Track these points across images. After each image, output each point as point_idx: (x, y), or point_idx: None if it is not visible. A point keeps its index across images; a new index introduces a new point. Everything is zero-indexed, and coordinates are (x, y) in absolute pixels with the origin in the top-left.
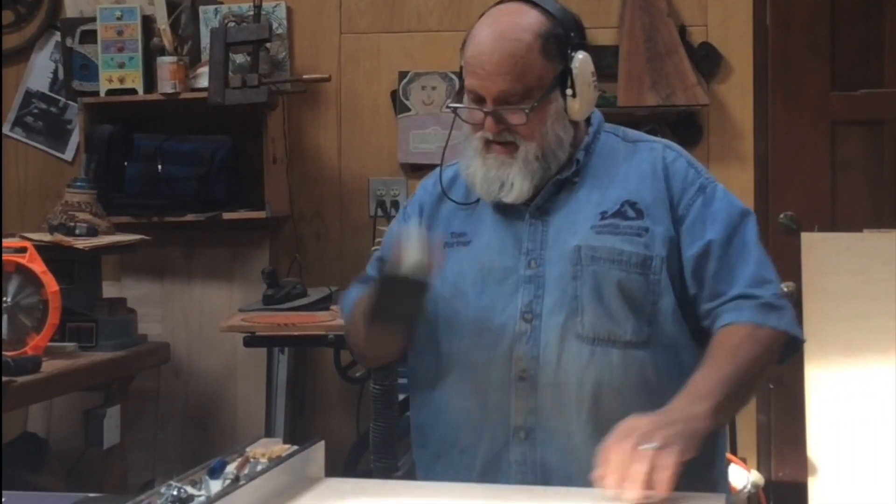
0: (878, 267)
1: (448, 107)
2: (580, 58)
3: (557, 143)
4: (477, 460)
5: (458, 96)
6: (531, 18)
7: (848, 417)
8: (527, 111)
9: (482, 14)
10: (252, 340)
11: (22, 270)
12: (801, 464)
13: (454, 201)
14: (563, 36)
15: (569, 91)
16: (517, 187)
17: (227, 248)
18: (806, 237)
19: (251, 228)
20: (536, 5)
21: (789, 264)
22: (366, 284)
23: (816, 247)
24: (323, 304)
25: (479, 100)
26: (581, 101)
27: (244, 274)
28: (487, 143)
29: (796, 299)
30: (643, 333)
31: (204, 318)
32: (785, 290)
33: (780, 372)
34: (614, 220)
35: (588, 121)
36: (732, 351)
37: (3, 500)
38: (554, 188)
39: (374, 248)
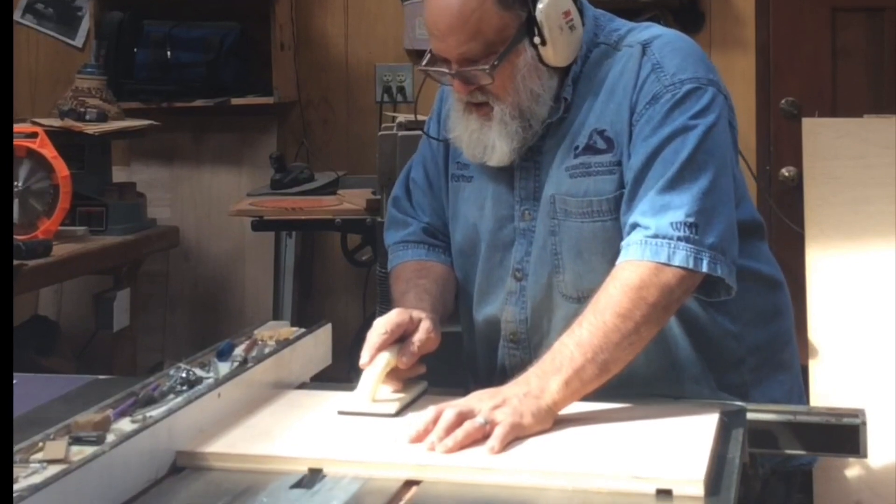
0: (878, 152)
1: (420, 69)
2: (546, 1)
3: (533, 99)
4: None
5: (430, 56)
6: None
7: (848, 301)
8: (488, 70)
9: None
10: (260, 224)
11: (33, 155)
12: (801, 346)
13: (433, 139)
14: None
15: (537, 39)
16: (498, 151)
17: (236, 134)
18: (807, 123)
19: (259, 114)
20: None
21: (790, 150)
22: (413, 194)
23: (817, 132)
24: (330, 188)
25: (445, 61)
26: (555, 48)
27: (252, 159)
28: (467, 105)
29: (797, 184)
30: None
31: (212, 203)
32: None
33: (781, 257)
34: (585, 157)
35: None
36: (602, 310)
37: (13, 382)
38: (544, 128)
39: (380, 132)
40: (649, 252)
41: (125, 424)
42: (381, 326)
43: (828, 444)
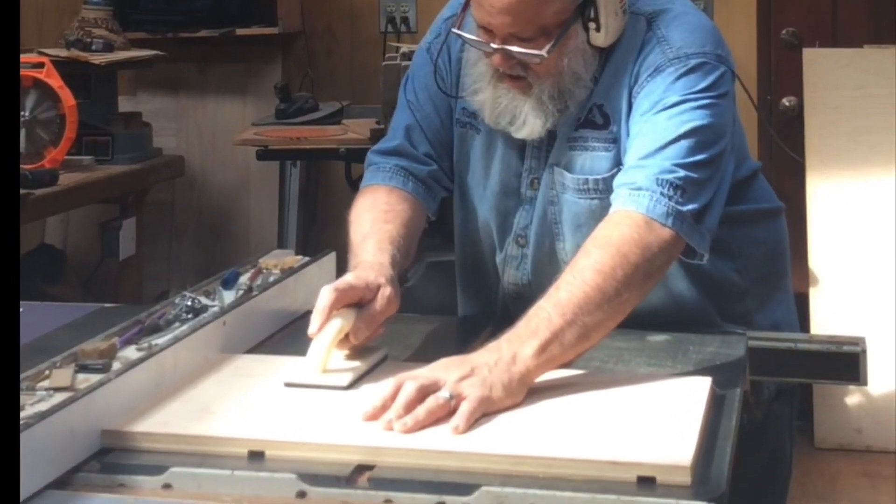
0: (877, 82)
1: (452, 32)
2: None
3: (575, 81)
4: None
5: (464, 13)
6: None
7: (848, 229)
8: (541, 55)
9: None
10: (265, 154)
11: (39, 85)
12: (802, 275)
13: (446, 94)
14: None
15: (592, 24)
16: (529, 125)
17: (241, 64)
18: (808, 53)
19: (264, 44)
20: None
21: (791, 80)
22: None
23: (818, 62)
24: (334, 118)
25: (487, 31)
26: (607, 32)
27: (257, 89)
28: (499, 73)
29: (798, 113)
30: None
31: (218, 132)
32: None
33: (781, 187)
34: (584, 131)
35: None
36: (581, 269)
37: (20, 310)
38: None
39: (383, 62)
40: (630, 201)
41: (131, 352)
42: (331, 287)
43: (828, 371)
